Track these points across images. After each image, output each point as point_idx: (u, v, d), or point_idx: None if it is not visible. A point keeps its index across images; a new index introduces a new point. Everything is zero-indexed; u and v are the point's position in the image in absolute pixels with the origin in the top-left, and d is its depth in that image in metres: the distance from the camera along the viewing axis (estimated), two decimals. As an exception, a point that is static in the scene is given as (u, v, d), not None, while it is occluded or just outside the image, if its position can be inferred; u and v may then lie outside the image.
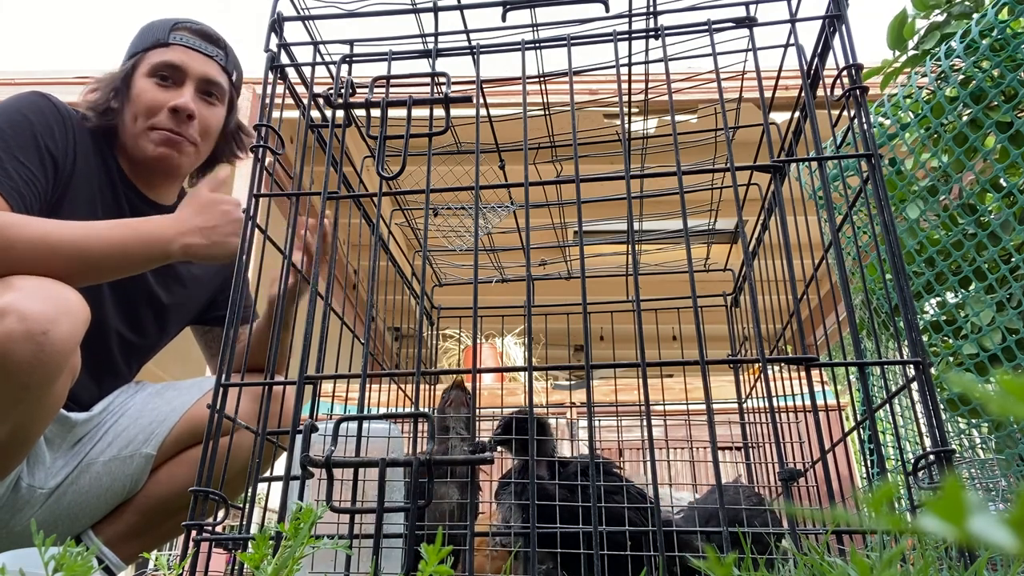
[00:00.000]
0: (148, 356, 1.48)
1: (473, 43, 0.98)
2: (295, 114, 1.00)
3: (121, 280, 1.31)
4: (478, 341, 0.83)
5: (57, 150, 1.22)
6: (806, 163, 1.24)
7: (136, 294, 1.36)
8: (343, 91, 0.90)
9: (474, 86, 0.91)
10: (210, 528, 0.79)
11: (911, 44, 1.72)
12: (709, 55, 0.91)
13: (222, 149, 1.47)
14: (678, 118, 0.88)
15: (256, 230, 0.92)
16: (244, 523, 0.82)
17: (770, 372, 0.80)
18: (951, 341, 1.49)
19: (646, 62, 1.13)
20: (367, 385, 0.79)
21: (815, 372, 0.82)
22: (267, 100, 0.95)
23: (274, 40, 0.97)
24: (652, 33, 0.97)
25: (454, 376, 1.60)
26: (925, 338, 1.53)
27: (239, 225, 1.21)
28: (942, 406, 1.47)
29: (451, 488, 1.45)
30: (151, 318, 1.41)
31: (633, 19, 1.00)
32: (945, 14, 1.67)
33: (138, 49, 1.36)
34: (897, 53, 1.74)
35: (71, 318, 1.02)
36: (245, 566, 0.69)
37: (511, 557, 1.23)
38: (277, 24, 0.97)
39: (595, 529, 0.71)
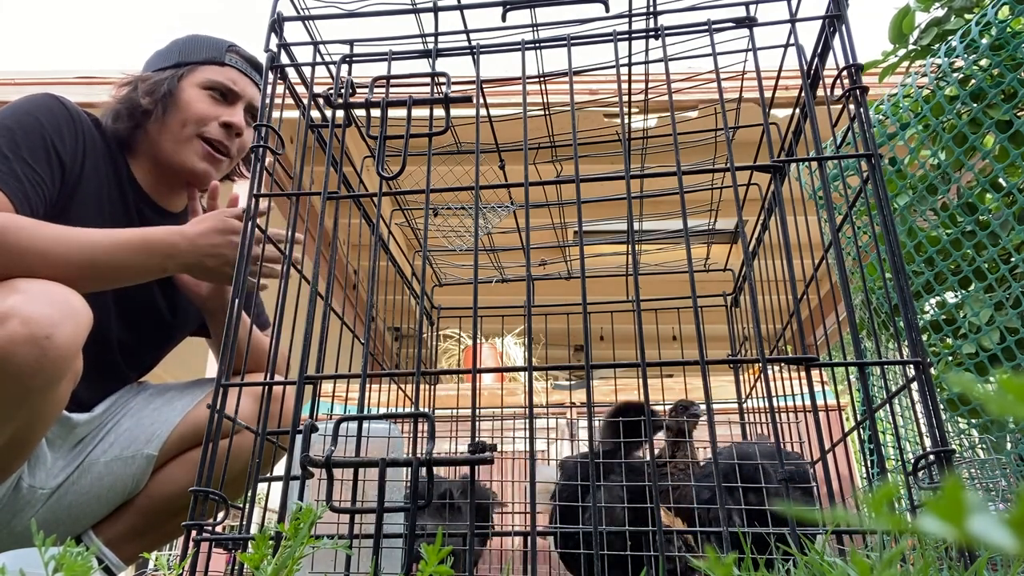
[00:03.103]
0: (151, 361, 1.48)
1: (473, 43, 0.97)
2: (295, 114, 1.00)
3: (124, 286, 1.32)
4: (478, 341, 0.83)
5: (66, 153, 1.22)
6: (806, 163, 1.24)
7: (139, 301, 1.36)
8: (343, 91, 0.90)
9: (474, 86, 0.91)
10: (210, 528, 0.79)
11: (912, 39, 1.72)
12: (709, 55, 0.91)
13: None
14: (678, 113, 0.88)
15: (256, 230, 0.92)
16: (244, 523, 0.82)
17: (770, 372, 0.80)
18: (950, 341, 1.49)
19: (646, 62, 1.13)
20: (367, 385, 0.79)
21: (815, 372, 0.82)
22: (267, 100, 0.95)
23: (274, 40, 0.97)
24: (652, 33, 0.97)
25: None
26: (924, 338, 1.53)
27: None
28: (942, 406, 1.47)
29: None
30: (153, 325, 1.41)
31: (633, 19, 0.99)
32: (946, 8, 1.67)
33: (187, 60, 1.38)
34: (897, 47, 1.74)
35: (74, 322, 1.02)
36: (245, 566, 0.69)
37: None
38: (277, 24, 0.97)
39: (595, 529, 0.71)
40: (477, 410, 0.78)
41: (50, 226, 1.10)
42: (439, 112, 0.88)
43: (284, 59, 0.98)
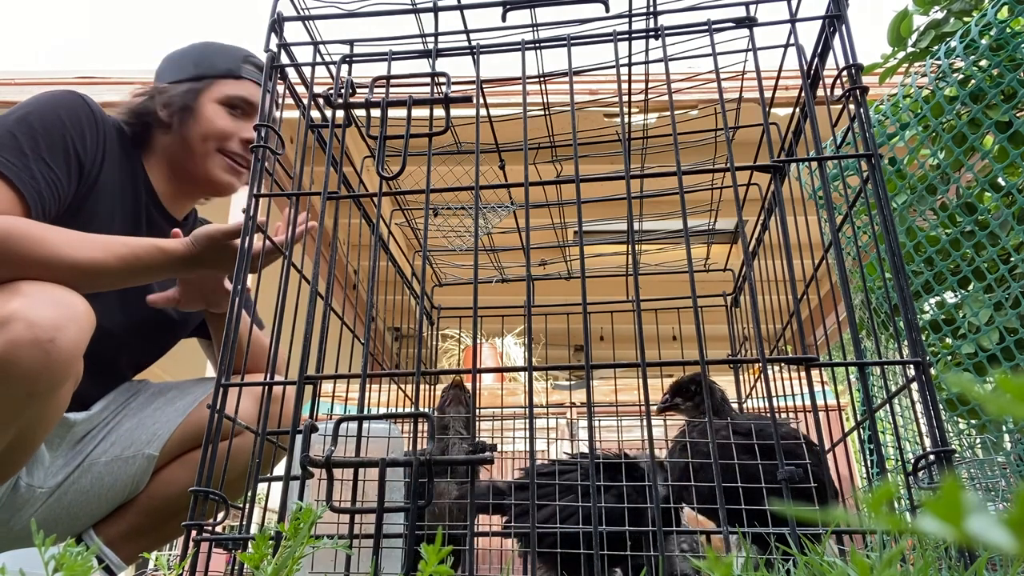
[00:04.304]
0: (150, 359, 1.48)
1: (473, 43, 0.98)
2: (295, 114, 1.01)
3: None
4: (478, 341, 0.83)
5: (86, 156, 1.22)
6: (806, 163, 1.24)
7: (140, 297, 1.36)
8: (343, 91, 0.90)
9: (474, 86, 0.91)
10: (210, 528, 0.79)
11: (910, 41, 1.73)
12: (709, 55, 0.91)
13: None
14: (679, 111, 0.88)
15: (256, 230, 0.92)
16: (244, 523, 0.82)
17: (770, 372, 0.80)
18: (950, 341, 1.49)
19: (646, 62, 1.13)
20: (367, 385, 0.79)
21: (815, 372, 0.82)
22: (267, 100, 0.95)
23: (274, 40, 0.97)
24: (652, 33, 0.97)
25: (453, 376, 1.60)
26: (924, 338, 1.53)
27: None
28: (941, 406, 1.47)
29: (450, 486, 1.46)
30: (153, 323, 1.41)
31: (633, 19, 0.99)
32: (945, 11, 1.67)
33: (205, 74, 1.38)
34: (896, 49, 1.75)
35: (78, 325, 1.02)
36: (245, 566, 0.69)
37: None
38: (277, 24, 0.97)
39: (595, 529, 0.72)
40: (477, 410, 0.78)
41: (56, 233, 1.09)
42: (439, 112, 0.88)
43: (284, 59, 0.98)
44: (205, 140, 1.35)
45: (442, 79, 0.89)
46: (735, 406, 1.58)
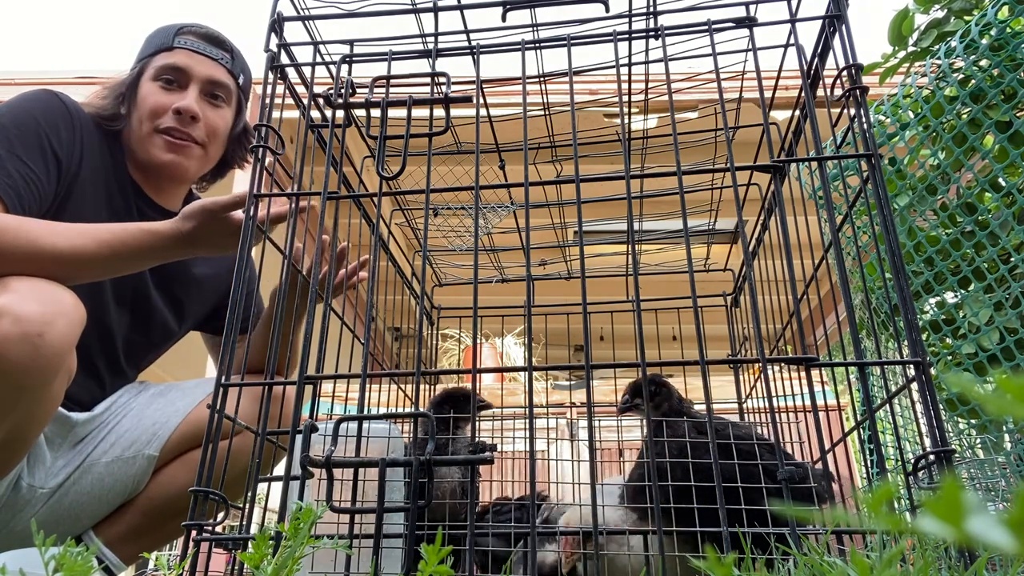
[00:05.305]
0: (152, 357, 1.48)
1: (473, 43, 0.98)
2: (295, 114, 1.00)
3: (124, 280, 1.31)
4: (478, 341, 0.83)
5: (62, 151, 1.21)
6: (806, 163, 1.24)
7: (139, 295, 1.36)
8: (343, 91, 0.90)
9: (474, 86, 0.91)
10: (210, 528, 0.79)
11: (911, 41, 1.73)
12: (709, 55, 0.91)
13: (232, 152, 1.47)
14: (679, 114, 0.88)
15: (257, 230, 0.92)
16: (244, 523, 0.82)
17: (770, 372, 0.80)
18: (950, 341, 1.49)
19: (646, 62, 1.13)
20: (367, 385, 0.79)
21: (815, 372, 0.82)
22: (267, 100, 0.95)
23: (274, 40, 0.97)
24: (652, 33, 0.97)
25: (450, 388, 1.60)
26: (924, 338, 1.53)
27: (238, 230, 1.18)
28: (941, 406, 1.47)
29: (451, 469, 1.46)
30: (154, 319, 1.41)
31: (633, 19, 0.99)
32: (945, 10, 1.67)
33: (144, 55, 1.37)
34: (897, 49, 1.75)
35: (67, 319, 1.01)
36: (245, 566, 0.69)
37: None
38: (277, 24, 0.97)
39: (595, 530, 0.72)
40: (477, 410, 0.78)
41: (34, 225, 1.08)
42: (439, 112, 0.88)
43: (284, 59, 0.98)
44: (141, 123, 1.33)
45: (442, 79, 0.89)
46: (696, 408, 1.57)
